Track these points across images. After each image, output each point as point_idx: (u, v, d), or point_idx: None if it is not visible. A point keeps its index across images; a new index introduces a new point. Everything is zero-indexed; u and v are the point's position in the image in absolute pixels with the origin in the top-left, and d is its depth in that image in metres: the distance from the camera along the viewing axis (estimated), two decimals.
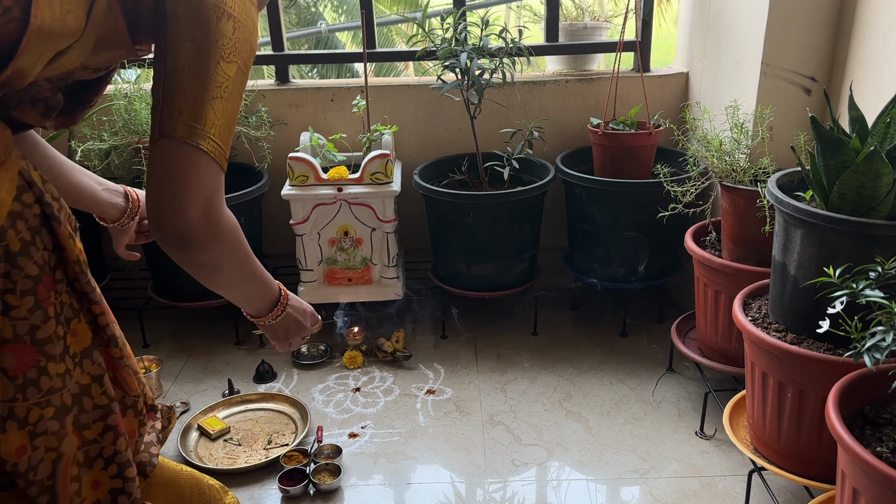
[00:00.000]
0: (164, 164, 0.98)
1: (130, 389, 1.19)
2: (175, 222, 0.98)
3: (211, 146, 0.98)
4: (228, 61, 0.99)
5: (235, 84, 1.01)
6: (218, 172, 1.01)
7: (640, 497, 1.74)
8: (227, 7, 0.98)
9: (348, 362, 2.33)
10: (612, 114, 2.48)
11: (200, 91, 0.97)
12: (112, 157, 2.33)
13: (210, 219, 1.01)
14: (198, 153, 0.98)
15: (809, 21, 1.92)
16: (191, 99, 0.97)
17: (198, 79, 0.97)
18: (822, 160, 1.38)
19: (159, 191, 0.99)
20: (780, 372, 1.44)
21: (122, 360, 1.17)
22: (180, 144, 0.97)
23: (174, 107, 0.97)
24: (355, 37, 7.05)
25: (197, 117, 0.97)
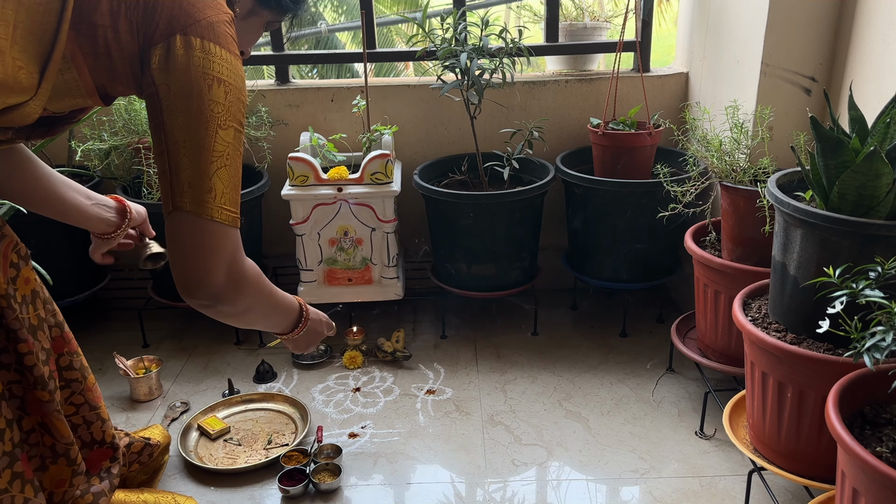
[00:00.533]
0: (182, 237, 1.01)
1: (61, 436, 1.14)
2: (203, 289, 1.03)
3: (223, 215, 1.01)
4: (225, 128, 1.00)
5: (235, 146, 1.02)
6: (234, 235, 1.04)
7: (639, 497, 1.74)
8: (216, 73, 0.97)
9: (348, 362, 2.33)
10: (612, 114, 2.48)
11: (204, 164, 0.98)
12: (112, 156, 2.33)
13: (235, 278, 1.05)
14: (212, 225, 1.01)
15: (809, 21, 1.92)
16: (196, 172, 0.98)
17: (199, 151, 0.98)
18: (822, 160, 1.38)
19: (184, 264, 1.02)
20: (780, 372, 1.44)
21: (50, 405, 1.12)
22: (194, 218, 0.99)
23: (182, 180, 0.98)
24: (355, 37, 7.05)
25: (205, 189, 0.99)
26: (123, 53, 0.97)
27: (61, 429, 1.14)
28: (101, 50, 0.96)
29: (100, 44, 0.96)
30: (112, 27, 0.96)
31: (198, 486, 1.81)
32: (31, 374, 1.09)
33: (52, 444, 1.13)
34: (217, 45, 0.98)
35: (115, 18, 0.96)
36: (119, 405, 2.15)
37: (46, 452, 1.13)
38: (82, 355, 1.21)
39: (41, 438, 1.13)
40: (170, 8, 0.96)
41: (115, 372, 2.28)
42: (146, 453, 1.65)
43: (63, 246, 2.32)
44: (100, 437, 1.23)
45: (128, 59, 0.98)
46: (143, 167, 2.22)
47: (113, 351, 2.24)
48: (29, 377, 1.09)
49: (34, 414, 1.12)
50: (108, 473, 1.24)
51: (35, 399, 1.10)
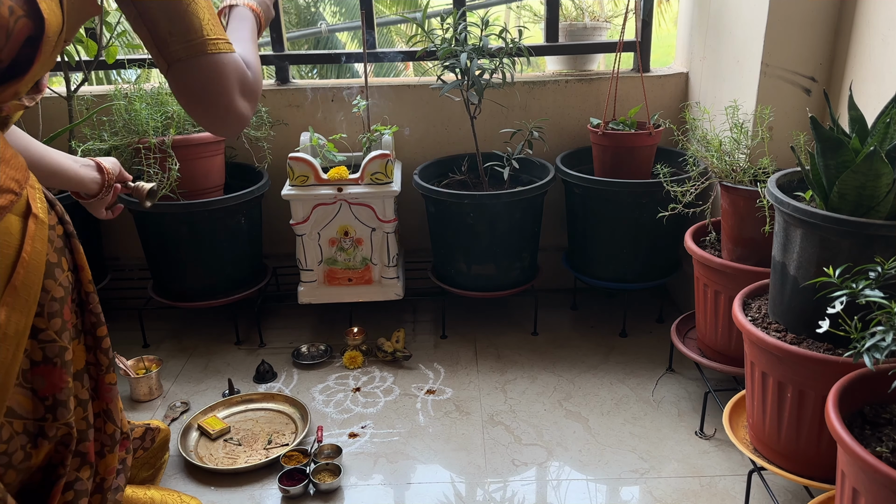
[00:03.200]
0: (188, 84, 1.00)
1: (119, 422, 1.17)
2: (231, 121, 1.04)
3: (212, 46, 1.00)
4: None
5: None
6: (231, 58, 1.03)
7: (639, 497, 1.74)
8: None
9: (348, 362, 2.33)
10: (612, 114, 2.48)
11: (173, 7, 0.98)
12: (112, 156, 2.33)
13: (249, 93, 1.06)
14: (207, 58, 1.00)
15: (809, 21, 1.92)
16: (170, 18, 0.98)
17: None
18: (822, 160, 1.38)
19: (199, 108, 1.02)
20: (780, 372, 1.44)
21: (115, 388, 1.16)
22: (188, 62, 0.99)
23: (161, 34, 0.98)
24: (355, 36, 7.05)
25: (187, 31, 0.99)
26: None
27: (120, 414, 1.18)
28: None
29: None
30: None
31: (198, 486, 1.81)
32: (106, 357, 1.13)
33: (112, 432, 1.16)
34: None
35: None
36: None
37: (107, 440, 1.16)
38: None
39: (104, 425, 1.16)
40: None
41: (115, 372, 2.27)
42: (148, 438, 1.66)
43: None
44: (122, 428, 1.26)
45: None
46: (143, 167, 2.21)
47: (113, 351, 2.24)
48: (104, 360, 1.13)
49: (102, 399, 1.15)
50: (123, 465, 1.25)
51: (105, 384, 1.15)
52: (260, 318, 2.51)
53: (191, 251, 2.34)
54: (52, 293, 0.99)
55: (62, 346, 1.00)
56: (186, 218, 2.27)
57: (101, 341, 1.13)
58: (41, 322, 0.97)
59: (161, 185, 1.98)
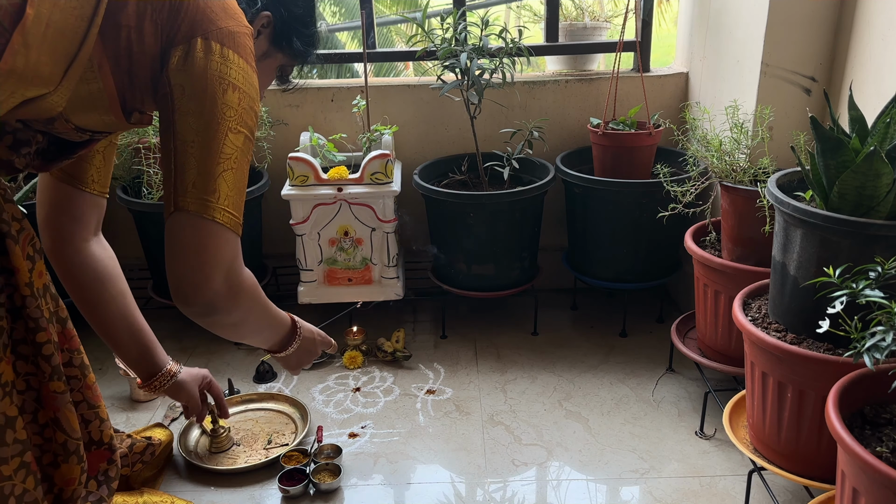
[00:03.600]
0: (183, 238, 0.99)
1: (73, 430, 1.13)
2: (201, 295, 1.00)
3: (226, 217, 1.00)
4: (235, 132, 0.99)
5: (243, 153, 1.02)
6: (235, 240, 1.02)
7: (639, 497, 1.74)
8: (232, 78, 0.98)
9: (348, 362, 2.33)
10: (612, 114, 2.48)
11: (211, 164, 0.98)
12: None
13: (233, 286, 1.03)
14: (214, 226, 0.99)
15: (809, 21, 1.92)
16: (202, 172, 0.97)
17: (207, 152, 0.97)
18: (822, 160, 1.38)
19: (181, 266, 0.99)
20: (780, 372, 1.44)
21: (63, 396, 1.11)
22: (196, 218, 0.98)
23: (186, 181, 0.97)
24: (355, 36, 7.05)
25: (209, 190, 0.98)
26: (145, 55, 0.99)
27: (73, 422, 1.13)
28: (123, 51, 0.97)
29: (122, 45, 0.97)
30: (136, 28, 0.97)
31: (198, 486, 1.81)
32: (48, 365, 1.08)
33: (63, 441, 1.13)
34: (235, 54, 0.99)
35: (140, 19, 0.97)
36: (119, 405, 2.15)
37: (59, 450, 1.13)
38: (84, 353, 1.20)
39: (54, 434, 1.12)
40: (193, 12, 0.98)
41: (115, 372, 2.28)
42: (148, 452, 1.66)
43: None
44: (97, 438, 1.22)
45: (148, 61, 0.99)
46: (143, 167, 2.22)
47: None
48: (45, 368, 1.09)
49: (48, 408, 1.11)
50: (105, 476, 1.23)
51: (49, 392, 1.10)
52: None
53: None
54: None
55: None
56: None
57: (42, 348, 1.07)
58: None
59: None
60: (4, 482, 1.04)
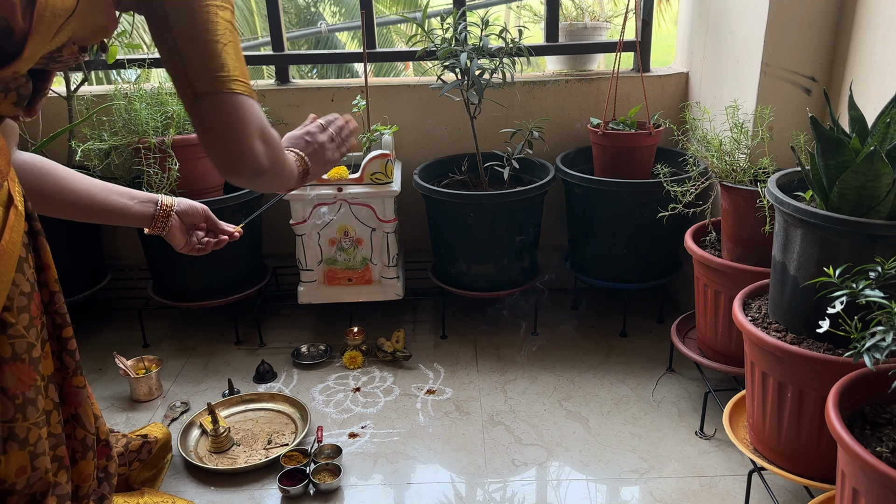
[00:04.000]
0: (211, 119, 1.04)
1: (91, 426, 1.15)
2: (247, 162, 1.07)
3: (241, 86, 1.05)
4: (223, 8, 1.04)
5: (232, 24, 1.07)
6: (255, 104, 1.08)
7: (639, 497, 1.74)
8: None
9: (348, 362, 2.33)
10: (612, 114, 2.48)
11: (211, 45, 1.02)
12: (112, 156, 2.33)
13: (269, 144, 1.10)
14: (235, 98, 1.04)
15: (809, 21, 1.92)
16: (207, 54, 1.02)
17: (205, 34, 1.02)
18: (822, 160, 1.38)
19: (222, 144, 1.06)
20: (780, 372, 1.44)
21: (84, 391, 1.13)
22: (217, 97, 1.02)
23: (194, 66, 1.01)
24: (355, 36, 7.05)
25: (218, 67, 1.03)
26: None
27: (91, 418, 1.15)
28: None
29: None
30: None
31: (198, 486, 1.81)
32: (72, 360, 1.11)
33: (83, 437, 1.14)
34: None
35: None
36: (119, 405, 2.15)
37: (78, 446, 1.14)
38: None
39: (73, 431, 1.14)
40: None
41: (115, 372, 2.28)
42: (145, 450, 1.66)
43: (63, 245, 2.32)
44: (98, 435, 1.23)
45: None
46: (143, 167, 2.21)
47: (113, 351, 2.24)
48: (70, 363, 1.11)
49: (69, 404, 1.13)
50: (105, 474, 1.23)
51: (72, 387, 1.12)
52: (260, 318, 2.51)
53: None
54: (20, 287, 0.98)
55: (30, 342, 0.99)
56: None
57: (67, 343, 1.10)
58: (10, 316, 0.96)
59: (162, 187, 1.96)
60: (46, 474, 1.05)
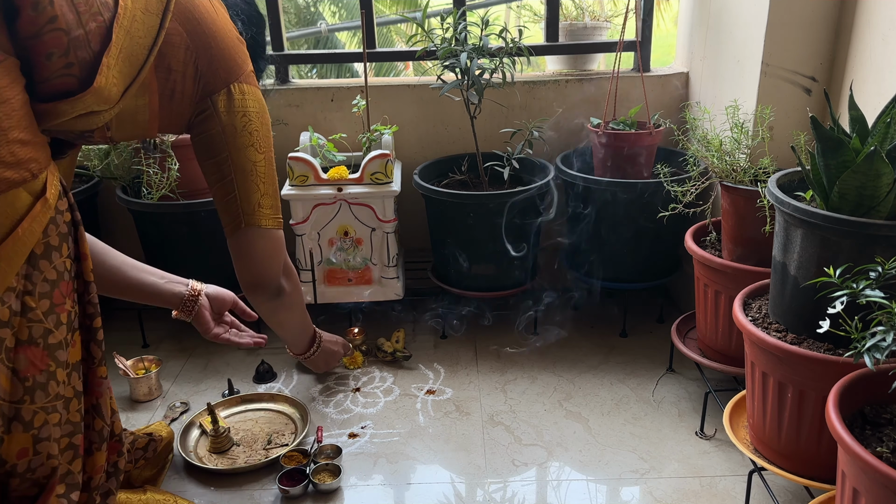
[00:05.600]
0: (254, 248, 1.34)
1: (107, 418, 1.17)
2: (269, 286, 1.41)
3: (277, 223, 1.34)
4: (268, 152, 1.32)
5: (273, 166, 1.35)
6: (283, 237, 1.40)
7: (640, 497, 1.74)
8: (258, 110, 1.29)
9: (348, 362, 2.33)
10: (612, 113, 2.48)
11: (264, 186, 1.30)
12: (112, 156, 2.33)
13: (289, 272, 1.44)
14: (275, 233, 1.35)
15: (809, 21, 1.92)
16: (263, 194, 1.30)
17: (260, 177, 1.28)
18: (822, 160, 1.38)
19: (254, 268, 1.36)
20: (780, 372, 1.44)
21: (105, 381, 1.17)
22: (264, 231, 1.32)
23: (252, 201, 1.29)
24: (355, 36, 7.05)
25: (267, 206, 1.31)
26: (184, 96, 1.20)
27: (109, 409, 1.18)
28: (168, 92, 1.16)
29: (169, 85, 1.16)
30: (182, 72, 1.17)
31: (198, 487, 1.81)
32: (99, 350, 1.16)
33: (101, 428, 1.16)
34: (257, 89, 1.29)
35: (185, 65, 1.17)
36: (119, 405, 2.15)
37: (95, 437, 1.16)
38: None
39: (92, 422, 1.16)
40: (227, 60, 1.23)
41: (114, 372, 2.27)
42: (151, 448, 1.67)
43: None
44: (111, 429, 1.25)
45: (187, 101, 1.21)
46: (143, 167, 2.21)
47: (113, 351, 2.24)
48: (97, 353, 1.16)
49: (91, 394, 1.15)
50: (114, 469, 1.25)
51: (96, 377, 1.15)
52: (260, 319, 2.51)
53: (190, 251, 2.34)
54: (45, 274, 1.00)
55: (47, 328, 1.01)
56: (186, 218, 2.27)
57: (97, 333, 1.14)
58: (31, 301, 0.99)
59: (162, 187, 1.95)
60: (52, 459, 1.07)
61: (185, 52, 1.15)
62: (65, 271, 1.04)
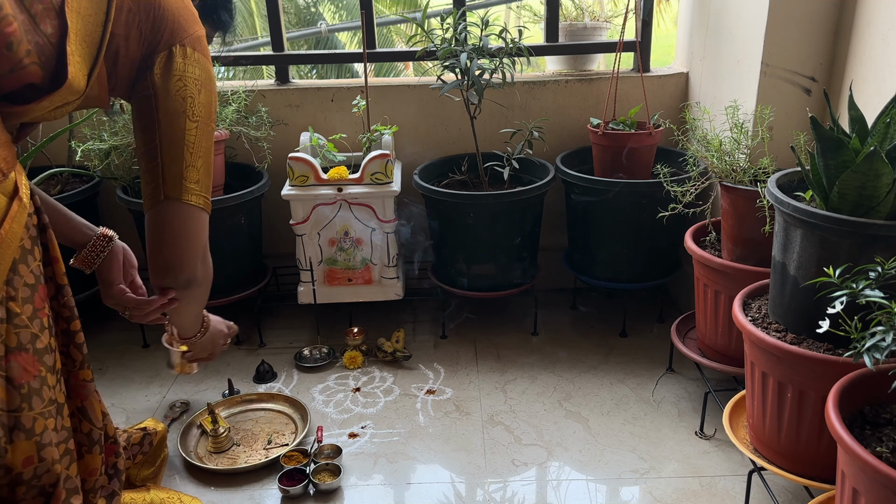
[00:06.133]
0: (170, 223, 1.14)
1: (97, 420, 1.16)
2: (184, 273, 1.18)
3: (203, 202, 1.15)
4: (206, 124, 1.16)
5: (210, 139, 1.17)
6: (207, 220, 1.18)
7: (639, 497, 1.74)
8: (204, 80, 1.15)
9: (348, 362, 2.33)
10: (612, 114, 2.48)
11: (190, 157, 1.13)
12: (112, 157, 2.33)
13: (206, 263, 1.21)
14: (196, 211, 1.15)
15: (809, 21, 1.92)
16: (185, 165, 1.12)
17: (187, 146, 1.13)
18: (822, 160, 1.38)
19: (168, 247, 1.16)
20: (780, 372, 1.44)
21: (91, 385, 1.15)
22: (182, 205, 1.13)
23: (173, 172, 1.12)
24: (355, 36, 7.05)
25: (192, 179, 1.13)
26: (127, 60, 1.10)
27: (98, 412, 1.17)
28: (112, 56, 1.08)
29: (111, 50, 1.08)
30: (125, 35, 1.08)
31: (198, 486, 1.81)
32: (79, 353, 1.13)
33: (88, 431, 1.15)
34: (202, 56, 1.15)
35: (128, 28, 1.08)
36: (118, 406, 2.15)
37: (84, 440, 1.16)
38: None
39: (79, 425, 1.15)
40: (171, 22, 1.12)
41: (114, 372, 2.28)
42: (147, 442, 1.67)
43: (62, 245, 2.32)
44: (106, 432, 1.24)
45: (128, 65, 1.11)
46: None
47: (113, 351, 2.23)
48: (77, 356, 1.13)
49: (75, 397, 1.14)
50: (115, 470, 1.25)
51: (79, 380, 1.14)
52: (260, 319, 2.51)
53: None
54: (24, 279, 0.99)
55: (34, 332, 1.00)
56: None
57: (75, 336, 1.13)
58: (16, 306, 0.98)
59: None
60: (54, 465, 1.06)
61: (126, 15, 1.07)
62: (40, 275, 1.03)
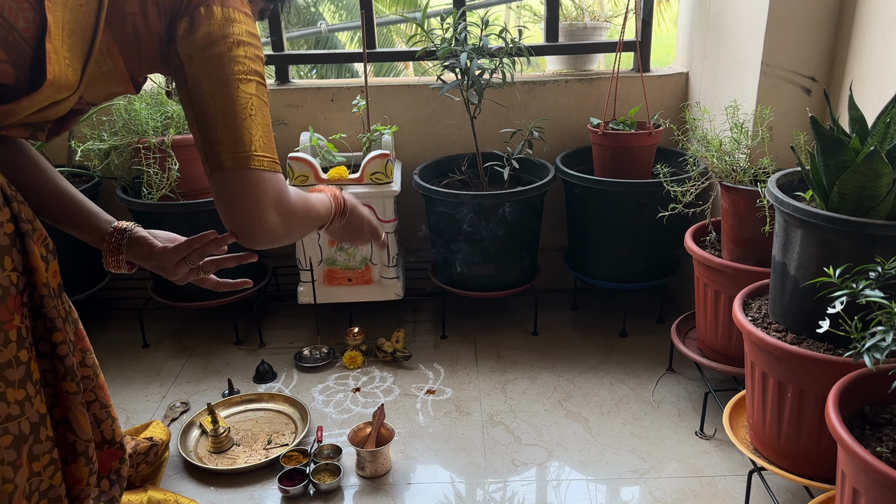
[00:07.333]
0: (226, 192, 1.07)
1: (83, 432, 1.14)
2: (260, 234, 1.10)
3: (258, 162, 1.07)
4: (246, 82, 1.05)
5: (259, 97, 1.08)
6: (274, 177, 1.10)
7: (639, 497, 1.74)
8: (235, 35, 1.04)
9: (348, 362, 2.33)
10: (612, 114, 2.48)
11: (231, 119, 1.04)
12: (112, 157, 2.33)
13: (284, 215, 1.12)
14: (251, 173, 1.06)
15: (809, 21, 1.92)
16: (225, 128, 1.04)
17: (225, 108, 1.04)
18: (822, 160, 1.38)
19: (235, 217, 1.08)
20: (780, 372, 1.44)
21: (76, 397, 1.13)
22: (232, 172, 1.05)
23: (213, 140, 1.04)
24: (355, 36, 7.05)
25: (237, 143, 1.04)
26: (151, 35, 1.04)
27: (83, 424, 1.15)
28: (131, 37, 1.02)
29: (129, 31, 1.02)
30: (141, 13, 1.02)
31: (198, 487, 1.81)
32: (62, 365, 1.11)
33: (73, 442, 1.14)
34: (234, 10, 1.05)
35: (143, 4, 1.02)
36: (117, 406, 2.15)
37: (69, 449, 1.14)
38: (93, 353, 1.22)
39: (64, 434, 1.14)
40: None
41: (114, 372, 2.28)
42: (152, 453, 1.66)
43: (62, 246, 2.31)
44: (110, 437, 1.23)
45: (156, 40, 1.04)
46: (143, 167, 2.21)
47: (113, 351, 2.23)
48: (59, 368, 1.11)
49: (61, 407, 1.13)
50: (117, 476, 1.24)
51: (63, 391, 1.12)
52: (260, 318, 2.51)
53: None
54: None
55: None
56: (186, 218, 2.27)
57: (57, 348, 1.09)
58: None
59: (162, 187, 1.87)
60: (34, 478, 1.05)
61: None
62: (10, 286, 1.00)
